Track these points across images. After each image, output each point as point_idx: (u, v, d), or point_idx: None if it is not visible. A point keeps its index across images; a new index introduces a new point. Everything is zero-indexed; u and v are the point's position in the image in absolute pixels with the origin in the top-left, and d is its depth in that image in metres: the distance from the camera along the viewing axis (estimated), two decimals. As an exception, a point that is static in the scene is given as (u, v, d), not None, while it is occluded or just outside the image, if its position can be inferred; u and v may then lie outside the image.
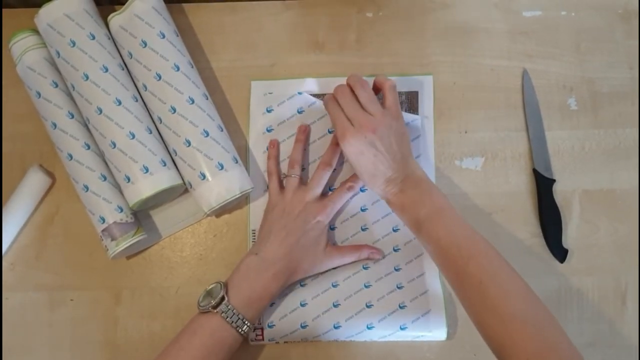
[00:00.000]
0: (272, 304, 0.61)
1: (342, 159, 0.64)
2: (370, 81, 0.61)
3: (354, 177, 0.62)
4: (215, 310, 0.54)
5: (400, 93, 0.65)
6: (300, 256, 0.59)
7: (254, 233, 0.63)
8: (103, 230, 0.58)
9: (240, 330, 0.55)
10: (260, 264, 0.57)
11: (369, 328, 0.61)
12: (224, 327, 0.54)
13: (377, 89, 0.62)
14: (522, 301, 0.49)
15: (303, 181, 0.63)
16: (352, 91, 0.59)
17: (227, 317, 0.54)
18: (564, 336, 0.47)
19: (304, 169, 0.64)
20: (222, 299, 0.55)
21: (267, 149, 0.65)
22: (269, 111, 0.65)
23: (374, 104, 0.58)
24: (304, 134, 0.64)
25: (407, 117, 0.64)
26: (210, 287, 0.57)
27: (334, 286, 0.62)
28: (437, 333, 0.61)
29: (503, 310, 0.48)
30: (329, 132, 0.65)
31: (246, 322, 0.55)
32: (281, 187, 0.63)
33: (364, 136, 0.56)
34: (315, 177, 0.62)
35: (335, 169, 0.63)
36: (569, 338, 0.47)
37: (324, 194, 0.62)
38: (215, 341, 0.54)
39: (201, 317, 0.55)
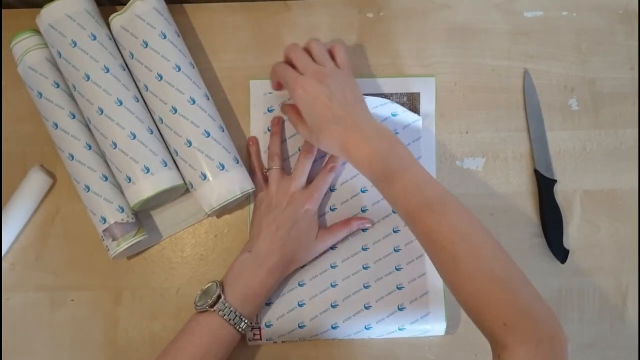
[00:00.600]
0: (269, 304, 0.61)
1: (322, 152, 0.64)
2: None
3: (333, 158, 0.63)
4: (212, 309, 0.54)
5: (402, 94, 0.65)
6: (294, 247, 0.59)
7: None
8: (104, 231, 0.58)
9: (238, 327, 0.55)
10: (254, 260, 0.58)
11: (367, 329, 0.61)
12: (222, 326, 0.54)
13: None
14: (495, 263, 0.47)
15: (286, 172, 0.63)
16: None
17: (225, 315, 0.54)
18: (538, 297, 0.46)
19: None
20: (219, 297, 0.55)
21: (268, 148, 0.64)
22: (270, 111, 0.65)
23: (327, 58, 0.57)
24: (279, 126, 0.64)
25: (409, 118, 0.64)
26: (206, 286, 0.57)
27: (332, 286, 0.62)
28: (435, 327, 0.61)
29: (476, 273, 0.46)
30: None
31: (244, 320, 0.55)
32: (266, 182, 0.63)
33: (317, 80, 0.54)
34: (299, 167, 0.62)
35: (316, 160, 0.63)
36: (542, 298, 0.46)
37: (308, 182, 0.62)
38: (214, 340, 0.54)
39: (199, 317, 0.55)
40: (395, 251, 0.63)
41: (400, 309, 0.61)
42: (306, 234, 0.60)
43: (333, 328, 0.61)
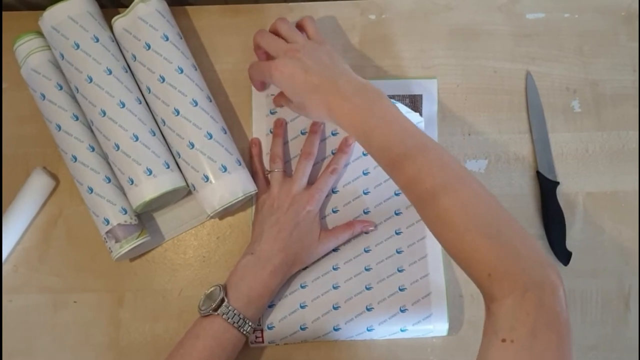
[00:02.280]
0: (271, 306, 0.61)
1: (323, 154, 0.64)
2: None
3: (335, 159, 0.63)
4: (216, 313, 0.54)
5: (404, 96, 0.65)
6: (296, 249, 0.59)
7: None
8: (107, 232, 0.58)
9: (242, 330, 0.55)
10: (256, 262, 0.58)
11: (368, 330, 0.61)
12: (226, 329, 0.54)
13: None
14: (478, 209, 0.46)
15: (288, 174, 0.63)
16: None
17: (229, 318, 0.54)
18: (525, 242, 0.45)
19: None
20: (222, 300, 0.55)
21: (270, 149, 0.64)
22: (272, 113, 0.65)
23: (295, 33, 0.57)
24: (281, 127, 0.64)
25: (410, 119, 0.64)
26: (209, 290, 0.57)
27: (334, 288, 0.62)
28: (437, 327, 0.61)
29: (458, 223, 0.45)
30: (332, 134, 0.65)
31: (248, 322, 0.55)
32: (267, 184, 0.63)
33: (290, 57, 0.54)
34: (299, 169, 0.62)
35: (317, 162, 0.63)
36: (532, 242, 0.45)
37: (309, 183, 0.62)
38: (219, 343, 0.54)
39: (203, 321, 0.55)
40: (398, 252, 0.63)
41: (402, 310, 0.61)
42: (308, 235, 0.60)
43: (335, 330, 0.61)
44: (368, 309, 0.61)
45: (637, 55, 0.67)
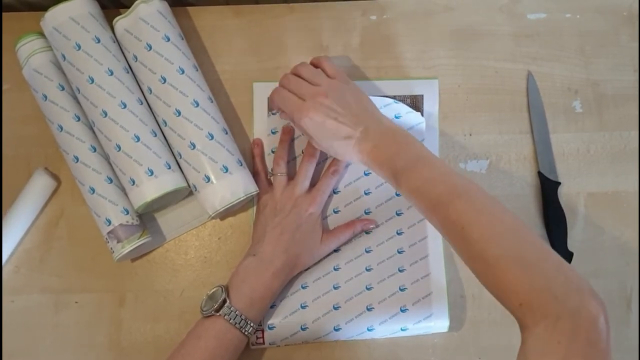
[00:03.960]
0: (272, 306, 0.61)
1: (325, 154, 0.64)
2: None
3: (335, 161, 0.63)
4: (218, 314, 0.54)
5: (405, 96, 0.65)
6: (298, 251, 0.59)
7: None
8: (109, 233, 0.58)
9: (244, 331, 0.55)
10: (259, 264, 0.58)
11: (369, 330, 0.61)
12: (228, 329, 0.54)
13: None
14: (507, 240, 0.46)
15: (290, 174, 0.63)
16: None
17: (231, 319, 0.54)
18: (560, 270, 0.44)
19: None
20: (224, 301, 0.55)
21: (272, 151, 0.65)
22: (274, 113, 0.65)
23: (318, 75, 0.58)
24: (288, 134, 0.64)
25: (412, 120, 0.64)
26: (211, 291, 0.57)
27: (335, 288, 0.62)
28: (438, 324, 0.61)
29: (487, 254, 0.46)
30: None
31: (250, 323, 0.55)
32: (269, 184, 0.63)
33: (319, 103, 0.55)
34: (301, 171, 0.62)
35: (319, 163, 0.64)
36: (571, 270, 0.44)
37: (311, 186, 0.62)
38: (220, 343, 0.54)
39: (205, 321, 0.55)
40: (399, 252, 0.63)
41: (403, 310, 0.61)
42: (310, 237, 0.60)
43: (335, 330, 0.61)
44: (368, 309, 0.61)
45: (637, 56, 0.67)
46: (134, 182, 0.58)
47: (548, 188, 0.64)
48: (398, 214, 0.63)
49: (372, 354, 0.62)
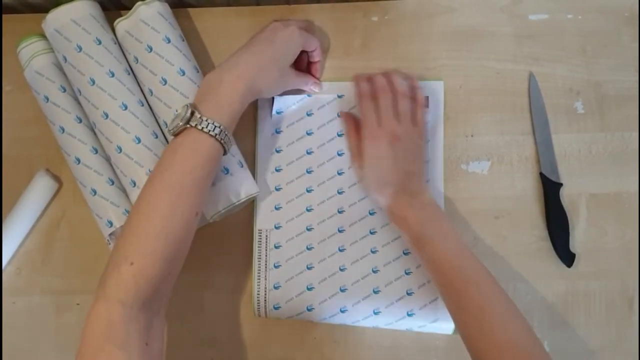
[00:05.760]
0: (277, 287, 0.61)
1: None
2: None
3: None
4: (188, 125, 0.52)
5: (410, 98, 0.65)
6: (265, 59, 0.57)
7: (260, 232, 0.64)
8: (110, 234, 0.59)
9: (218, 138, 0.53)
10: (220, 71, 0.55)
11: (375, 313, 0.61)
12: (202, 138, 0.52)
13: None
14: (517, 328, 0.50)
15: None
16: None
17: (203, 127, 0.52)
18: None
19: (310, 171, 0.64)
20: (192, 113, 0.52)
21: (280, 148, 0.64)
22: (278, 113, 0.65)
23: (407, 116, 0.59)
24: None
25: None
26: (176, 112, 0.55)
27: (341, 270, 0.62)
28: (443, 324, 0.61)
29: (500, 337, 0.49)
30: (338, 135, 0.65)
31: (223, 130, 0.53)
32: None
33: (389, 141, 0.57)
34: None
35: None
36: None
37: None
38: (197, 153, 0.52)
39: (177, 139, 0.53)
40: (404, 254, 0.63)
41: (409, 294, 0.61)
42: (282, 56, 0.59)
43: (342, 311, 0.61)
44: (375, 292, 0.62)
45: (638, 56, 0.67)
46: (135, 184, 0.58)
47: (550, 189, 0.64)
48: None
49: (375, 355, 0.62)
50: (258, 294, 0.62)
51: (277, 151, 0.65)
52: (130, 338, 0.46)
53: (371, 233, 0.63)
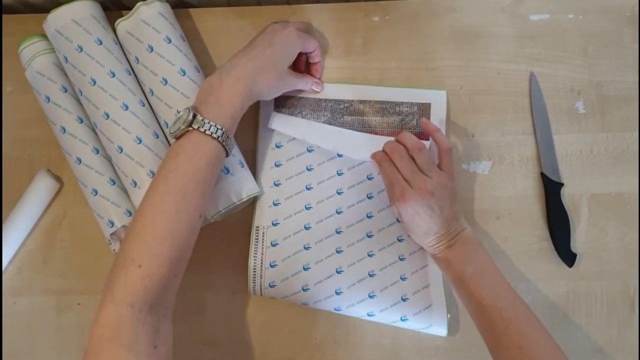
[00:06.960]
0: (274, 266, 0.61)
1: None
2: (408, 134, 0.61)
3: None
4: (190, 128, 0.52)
5: (412, 104, 0.65)
6: (264, 61, 0.57)
7: (257, 229, 0.63)
8: (112, 234, 0.59)
9: (221, 140, 0.53)
10: (220, 73, 0.56)
11: (370, 297, 0.61)
12: (204, 140, 0.53)
13: (424, 134, 0.63)
14: None
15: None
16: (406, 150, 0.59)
17: (205, 130, 0.52)
18: None
19: (310, 169, 0.64)
20: (194, 116, 0.53)
21: (279, 162, 0.64)
22: (277, 147, 0.65)
23: (432, 166, 0.58)
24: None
25: None
26: (177, 116, 0.55)
27: (338, 272, 0.62)
28: (437, 329, 0.61)
29: None
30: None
31: (225, 132, 0.53)
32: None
33: (423, 198, 0.56)
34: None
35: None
36: None
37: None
38: (199, 156, 0.52)
39: (178, 141, 0.53)
40: (400, 259, 0.63)
41: (403, 279, 0.62)
42: (281, 58, 0.59)
43: (337, 293, 0.61)
44: (370, 275, 0.62)
45: (638, 57, 0.67)
46: (136, 184, 0.58)
47: (551, 189, 0.64)
48: (400, 240, 0.64)
49: (375, 355, 0.62)
50: (254, 272, 0.62)
51: (277, 165, 0.65)
52: (138, 341, 0.46)
53: (368, 236, 0.63)
